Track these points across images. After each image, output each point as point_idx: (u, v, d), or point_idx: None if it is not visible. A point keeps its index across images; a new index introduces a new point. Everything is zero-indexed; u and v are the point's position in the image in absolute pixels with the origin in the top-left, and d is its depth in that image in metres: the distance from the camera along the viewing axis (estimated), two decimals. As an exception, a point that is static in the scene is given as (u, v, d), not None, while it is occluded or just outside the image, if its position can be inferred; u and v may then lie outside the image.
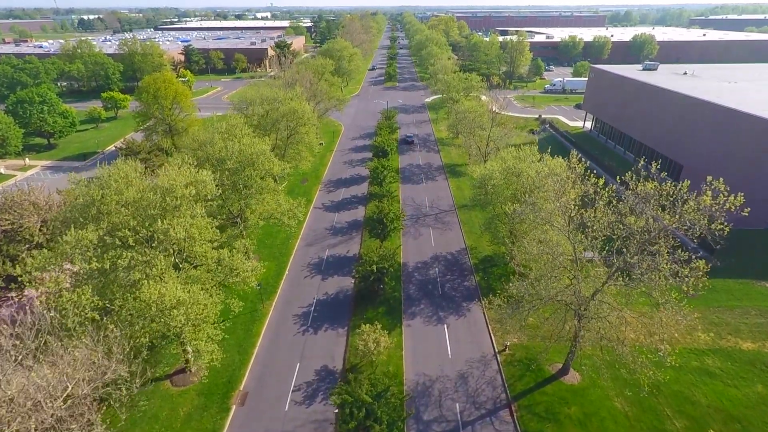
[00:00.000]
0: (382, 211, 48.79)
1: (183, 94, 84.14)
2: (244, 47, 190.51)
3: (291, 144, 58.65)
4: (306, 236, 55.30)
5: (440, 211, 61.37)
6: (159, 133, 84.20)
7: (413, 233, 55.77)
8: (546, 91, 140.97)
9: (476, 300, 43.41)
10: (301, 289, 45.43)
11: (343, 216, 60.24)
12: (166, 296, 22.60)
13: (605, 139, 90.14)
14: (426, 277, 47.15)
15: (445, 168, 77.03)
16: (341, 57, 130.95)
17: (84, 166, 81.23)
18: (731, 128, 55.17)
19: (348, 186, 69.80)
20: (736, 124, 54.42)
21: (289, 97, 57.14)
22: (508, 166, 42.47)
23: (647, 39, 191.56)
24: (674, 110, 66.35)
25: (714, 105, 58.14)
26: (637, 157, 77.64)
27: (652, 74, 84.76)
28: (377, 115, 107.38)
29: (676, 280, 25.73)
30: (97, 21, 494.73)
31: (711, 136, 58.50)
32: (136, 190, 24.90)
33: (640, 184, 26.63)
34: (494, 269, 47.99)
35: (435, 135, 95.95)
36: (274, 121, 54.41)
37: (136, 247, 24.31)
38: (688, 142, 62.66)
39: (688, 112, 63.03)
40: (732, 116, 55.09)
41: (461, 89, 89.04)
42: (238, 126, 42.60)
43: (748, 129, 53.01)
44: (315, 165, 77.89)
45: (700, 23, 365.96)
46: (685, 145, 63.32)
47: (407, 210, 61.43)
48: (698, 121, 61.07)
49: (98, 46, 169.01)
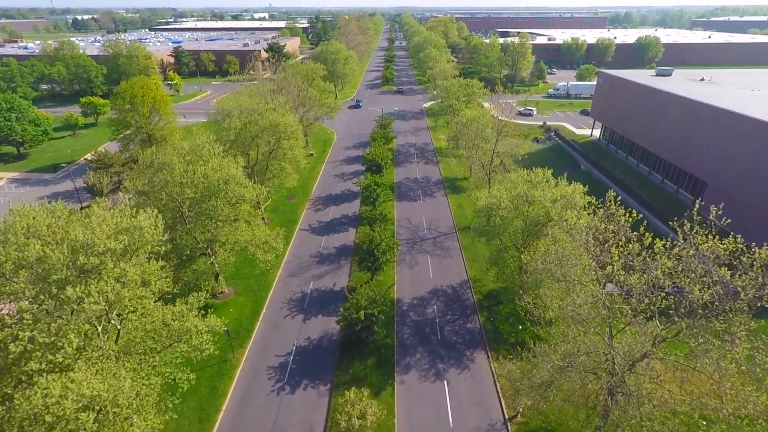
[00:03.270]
0: (373, 241, 42.82)
1: (162, 100, 78.10)
2: (236, 49, 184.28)
3: (273, 160, 52.62)
4: (289, 264, 49.27)
5: (439, 234, 55.39)
6: (137, 143, 78.18)
7: (409, 261, 49.78)
8: (549, 96, 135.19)
9: (481, 348, 37.44)
10: (280, 332, 39.38)
11: (331, 240, 54.21)
12: (69, 396, 16.62)
13: (615, 149, 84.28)
14: (423, 317, 41.17)
15: (445, 182, 71.05)
16: (335, 60, 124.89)
17: (55, 179, 75.13)
18: (764, 143, 49.30)
19: (338, 203, 63.75)
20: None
21: (270, 108, 51.06)
22: (518, 193, 36.51)
23: (652, 41, 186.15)
24: (696, 122, 60.49)
25: (745, 117, 52.17)
26: (652, 170, 71.93)
27: (666, 80, 78.94)
28: (372, 122, 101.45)
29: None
30: (92, 21, 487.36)
31: (740, 151, 52.60)
32: (41, 247, 18.88)
33: (701, 238, 20.37)
34: (501, 308, 42.03)
35: (434, 144, 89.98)
36: (253, 135, 48.37)
37: (37, 324, 18.39)
38: (713, 157, 56.75)
39: (714, 124, 57.11)
40: (765, 130, 49.23)
41: (462, 96, 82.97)
42: (206, 145, 36.56)
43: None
44: (304, 178, 71.93)
45: (702, 25, 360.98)
46: (709, 161, 57.42)
47: (403, 233, 55.49)
48: (725, 134, 55.12)
49: (84, 48, 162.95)
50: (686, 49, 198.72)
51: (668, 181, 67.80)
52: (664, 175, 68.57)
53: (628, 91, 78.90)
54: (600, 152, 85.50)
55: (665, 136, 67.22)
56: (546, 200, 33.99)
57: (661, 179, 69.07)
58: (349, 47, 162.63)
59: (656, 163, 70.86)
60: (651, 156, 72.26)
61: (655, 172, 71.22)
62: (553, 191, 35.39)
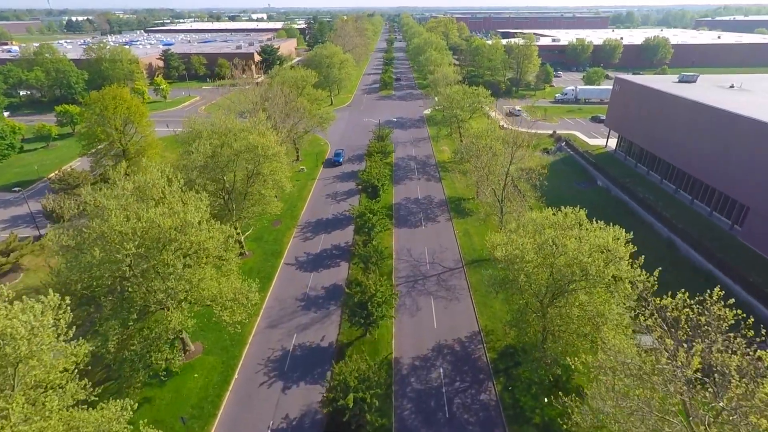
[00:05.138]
0: (366, 291, 35.69)
1: (138, 111, 71.03)
2: (229, 51, 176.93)
3: (253, 186, 45.45)
4: (269, 311, 42.12)
5: (444, 270, 48.21)
6: (110, 158, 71.12)
7: (409, 306, 42.62)
8: (556, 101, 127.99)
9: (499, 430, 30.30)
10: (252, 408, 32.23)
11: (320, 278, 47.00)
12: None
13: (634, 162, 77.08)
14: (427, 383, 34.03)
15: (449, 203, 63.87)
16: (330, 64, 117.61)
17: (16, 199, 67.75)
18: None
19: (330, 230, 56.56)
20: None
21: (246, 128, 43.81)
22: (545, 241, 29.32)
23: (661, 42, 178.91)
24: (736, 137, 53.31)
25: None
26: (679, 189, 64.76)
27: (691, 87, 71.75)
28: (369, 132, 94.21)
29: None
30: (86, 22, 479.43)
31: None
32: None
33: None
34: (520, 371, 34.86)
35: (435, 157, 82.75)
36: (226, 161, 41.18)
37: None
38: (758, 179, 49.57)
39: (758, 141, 49.89)
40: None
41: (466, 105, 75.54)
42: (157, 184, 29.36)
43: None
44: (293, 199, 64.79)
45: (707, 24, 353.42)
46: (753, 183, 50.24)
47: (402, 268, 48.33)
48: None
49: (66, 51, 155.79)
50: (696, 50, 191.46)
51: (699, 201, 60.66)
52: (694, 195, 61.39)
53: (651, 99, 71.68)
54: (617, 166, 78.29)
55: (696, 151, 60.07)
56: (583, 255, 26.83)
57: (690, 199, 61.89)
58: (345, 50, 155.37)
59: (684, 181, 63.69)
60: (678, 172, 65.10)
61: (683, 191, 64.08)
62: (590, 239, 28.20)
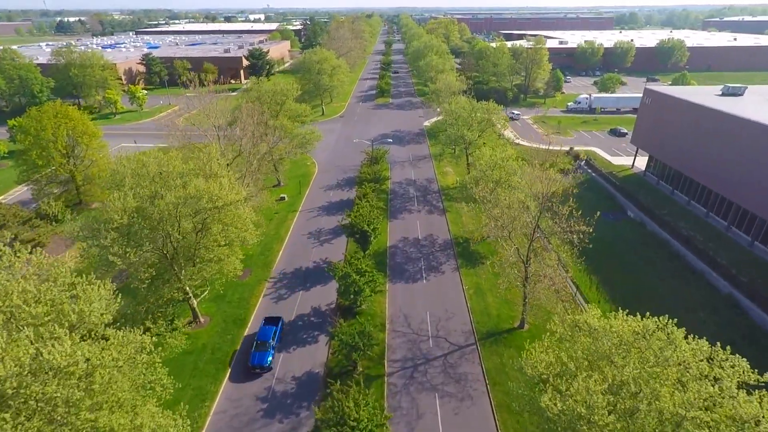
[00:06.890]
0: (346, 412, 24.83)
1: (86, 132, 60.42)
2: (216, 55, 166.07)
3: (202, 243, 34.50)
4: (220, 418, 31.12)
5: (452, 348, 37.20)
6: (54, 186, 60.39)
7: (407, 409, 31.64)
8: (569, 110, 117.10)
9: None
10: None
11: (291, 361, 35.92)
12: None
13: (670, 189, 66.11)
14: None
15: (455, 245, 52.92)
16: (321, 71, 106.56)
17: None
18: None
19: (309, 285, 45.46)
20: None
21: (193, 170, 32.90)
22: (624, 381, 18.43)
23: (676, 44, 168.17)
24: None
25: None
26: (732, 225, 53.84)
27: (739, 102, 60.94)
28: (361, 149, 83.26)
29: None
30: (77, 23, 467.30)
31: None
32: None
33: None
34: None
35: (438, 181, 71.69)
36: (158, 218, 30.24)
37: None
38: None
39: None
40: None
41: (475, 124, 64.24)
42: (54, 275, 18.40)
43: None
44: (268, 239, 53.88)
45: (715, 25, 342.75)
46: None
47: (396, 346, 37.37)
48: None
49: (40, 55, 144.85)
50: (712, 53, 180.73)
51: (760, 243, 49.83)
52: (754, 236, 50.52)
53: (692, 116, 60.77)
54: (649, 191, 67.26)
55: (757, 183, 49.21)
56: (678, 405, 15.93)
57: (750, 240, 50.98)
58: (339, 54, 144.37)
59: (739, 216, 52.86)
60: (725, 203, 54.31)
61: (736, 228, 53.25)
62: (695, 383, 17.34)
